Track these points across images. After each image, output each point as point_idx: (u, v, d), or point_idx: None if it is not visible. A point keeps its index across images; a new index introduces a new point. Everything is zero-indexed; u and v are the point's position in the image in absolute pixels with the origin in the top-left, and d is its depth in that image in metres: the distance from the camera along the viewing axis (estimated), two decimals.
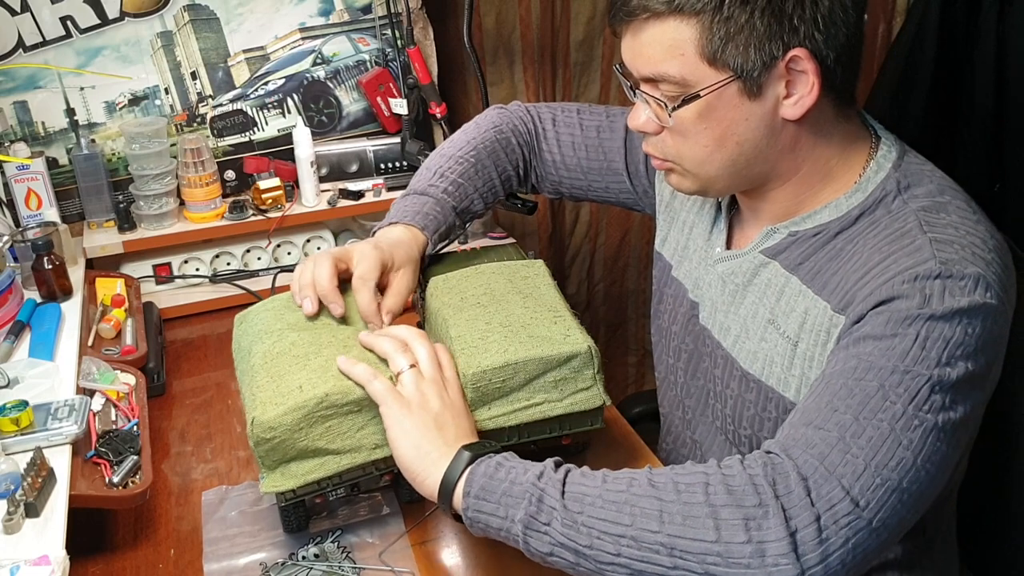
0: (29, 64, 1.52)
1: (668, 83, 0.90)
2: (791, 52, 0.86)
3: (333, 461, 0.95)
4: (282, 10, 1.63)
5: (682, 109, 0.90)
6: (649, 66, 0.91)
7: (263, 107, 1.67)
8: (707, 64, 0.88)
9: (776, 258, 1.00)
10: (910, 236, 0.88)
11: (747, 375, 1.01)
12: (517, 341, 1.01)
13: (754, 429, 1.02)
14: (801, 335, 0.94)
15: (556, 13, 1.82)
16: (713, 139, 0.92)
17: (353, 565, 0.98)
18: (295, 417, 0.92)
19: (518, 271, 1.16)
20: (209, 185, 1.58)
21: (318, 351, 0.99)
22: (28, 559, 0.85)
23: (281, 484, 0.94)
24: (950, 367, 0.81)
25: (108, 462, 1.05)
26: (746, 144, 0.92)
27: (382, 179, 1.70)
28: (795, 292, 0.96)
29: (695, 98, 0.89)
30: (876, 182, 0.95)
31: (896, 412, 0.79)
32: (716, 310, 1.07)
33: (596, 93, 1.93)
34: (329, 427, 0.94)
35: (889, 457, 0.78)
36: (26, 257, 1.35)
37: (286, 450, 0.93)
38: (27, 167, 1.48)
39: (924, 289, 0.83)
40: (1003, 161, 1.51)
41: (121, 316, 1.35)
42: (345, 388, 0.94)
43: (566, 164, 1.28)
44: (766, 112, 0.90)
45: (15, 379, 1.11)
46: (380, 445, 0.96)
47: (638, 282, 2.14)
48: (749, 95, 0.89)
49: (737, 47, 0.86)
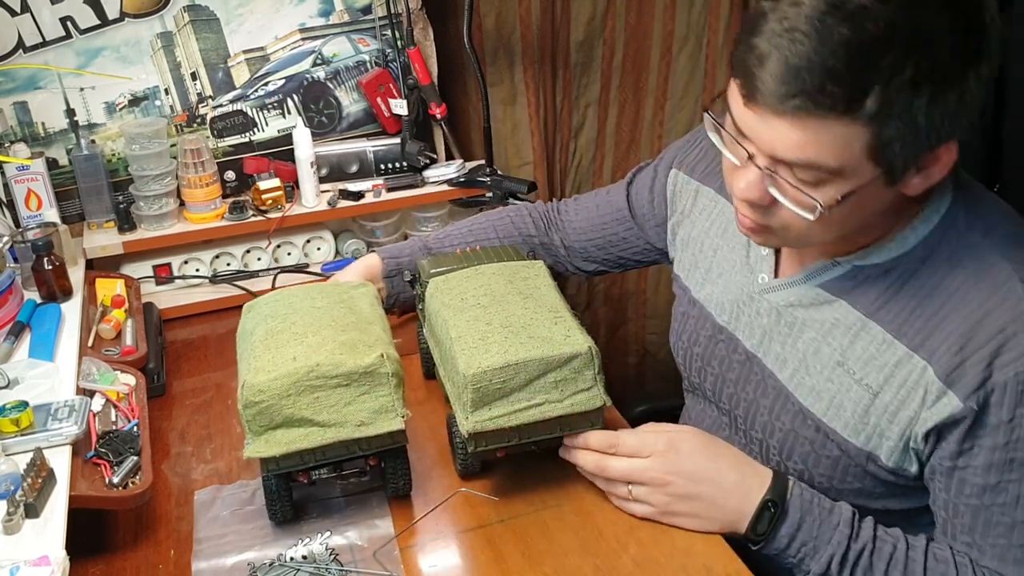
0: (29, 65, 1.52)
1: (812, 170, 0.83)
2: (946, 144, 0.83)
3: (318, 433, 0.97)
4: (282, 11, 1.63)
5: (838, 205, 0.84)
6: (797, 152, 0.82)
7: (263, 108, 1.67)
8: (868, 159, 0.82)
9: (843, 296, 0.97)
10: (1002, 280, 0.86)
11: (806, 412, 1.00)
12: (517, 342, 1.01)
13: (807, 465, 1.01)
14: (885, 387, 0.92)
15: (556, 13, 1.82)
16: (837, 222, 0.87)
17: (340, 567, 0.98)
18: (285, 383, 0.95)
19: (518, 272, 1.16)
20: (209, 186, 1.58)
21: (317, 330, 1.02)
22: (28, 559, 0.85)
23: (265, 450, 0.96)
24: None
25: (108, 463, 1.05)
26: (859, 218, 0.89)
27: (382, 180, 1.70)
28: (877, 341, 0.93)
29: (851, 194, 0.83)
30: (941, 211, 0.92)
31: None
32: (770, 340, 1.04)
33: (596, 93, 1.93)
34: (317, 398, 0.96)
35: None
36: (26, 258, 1.35)
37: (272, 416, 0.96)
38: (27, 168, 1.48)
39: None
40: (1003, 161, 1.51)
41: (121, 317, 1.35)
42: (336, 361, 0.97)
43: (584, 226, 1.35)
44: (896, 190, 0.86)
45: (15, 380, 1.11)
46: (365, 423, 0.97)
47: (638, 283, 2.14)
48: (888, 183, 0.85)
49: (904, 143, 0.81)
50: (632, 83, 1.93)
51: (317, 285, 1.17)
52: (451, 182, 1.70)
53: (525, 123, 1.87)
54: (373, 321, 1.08)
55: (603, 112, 1.95)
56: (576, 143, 1.97)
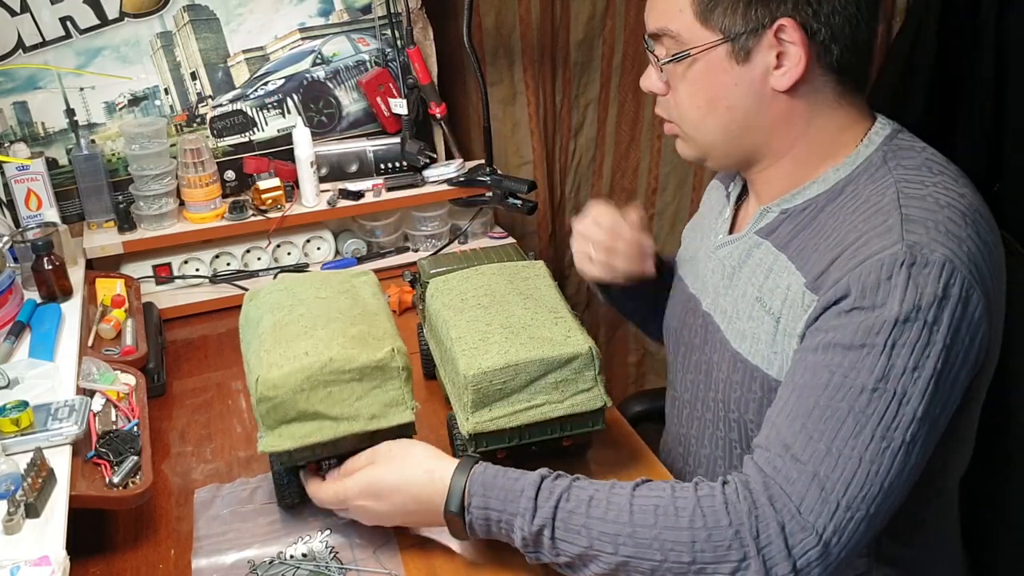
0: (29, 64, 1.51)
1: (669, 39, 0.95)
2: (778, 21, 0.88)
3: (330, 427, 0.97)
4: (282, 10, 1.63)
5: (673, 64, 0.95)
6: (655, 21, 0.96)
7: (263, 107, 1.67)
8: (700, 24, 0.92)
9: (768, 237, 1.01)
10: (884, 213, 0.89)
11: (736, 355, 1.02)
12: (518, 342, 1.01)
13: (741, 411, 1.02)
14: (783, 310, 0.95)
15: (556, 13, 1.82)
16: (705, 101, 0.96)
17: (340, 565, 0.98)
18: (298, 379, 0.95)
19: (518, 272, 1.16)
20: (209, 185, 1.57)
21: (326, 323, 1.03)
22: (28, 559, 0.84)
23: (278, 444, 0.96)
24: (918, 371, 0.83)
25: (108, 462, 1.05)
26: (737, 111, 0.95)
27: (382, 179, 1.70)
28: (781, 268, 0.97)
29: (685, 56, 0.94)
30: (865, 155, 0.95)
31: (866, 438, 0.83)
32: (718, 295, 1.08)
33: (596, 93, 1.93)
34: (330, 392, 0.97)
35: (860, 490, 0.83)
36: (26, 258, 1.35)
37: (286, 410, 0.96)
38: (27, 167, 1.48)
39: (889, 285, 0.84)
40: (1003, 161, 1.51)
41: (121, 316, 1.35)
42: (349, 356, 0.97)
43: None
44: (755, 79, 0.92)
45: (15, 379, 1.11)
46: (377, 416, 0.99)
47: None
48: (737, 60, 0.92)
49: (726, 10, 0.90)
50: (632, 82, 1.93)
51: (319, 274, 1.20)
52: (451, 181, 1.70)
53: (525, 122, 1.87)
54: (378, 312, 1.08)
55: (603, 111, 1.95)
56: (576, 142, 1.97)
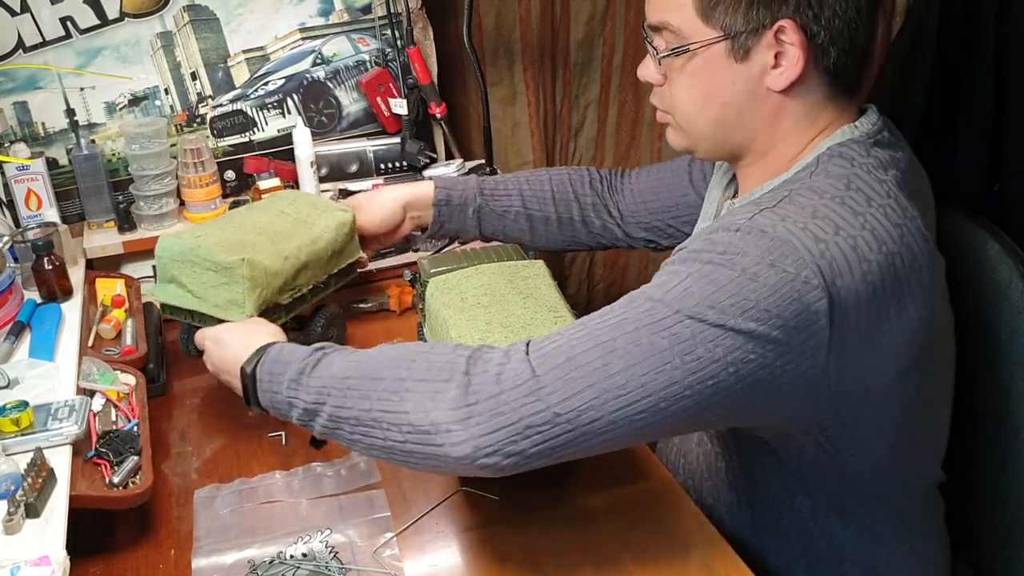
0: (29, 64, 1.52)
1: (669, 32, 0.94)
2: (779, 22, 0.88)
3: (190, 299, 1.18)
4: (282, 10, 1.63)
5: (671, 58, 0.95)
6: (657, 13, 0.95)
7: (263, 107, 1.67)
8: (701, 20, 0.91)
9: None
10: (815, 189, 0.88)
11: None
12: (518, 341, 1.00)
13: None
14: None
15: (556, 13, 1.82)
16: (701, 95, 0.95)
17: (340, 565, 0.98)
18: (175, 251, 1.18)
19: (518, 271, 1.16)
20: (209, 185, 1.58)
21: (249, 228, 1.22)
22: (28, 559, 0.84)
23: (158, 295, 1.22)
24: (713, 310, 0.82)
25: (108, 462, 1.05)
26: (730, 107, 0.95)
27: (382, 179, 1.70)
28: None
29: (684, 51, 0.93)
30: (804, 163, 0.93)
31: (626, 325, 0.85)
32: None
33: (596, 93, 1.93)
34: (194, 271, 1.17)
35: (587, 352, 0.84)
36: (26, 258, 1.35)
37: (165, 271, 1.20)
38: (27, 167, 1.48)
39: (715, 237, 0.86)
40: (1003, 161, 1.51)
41: (121, 316, 1.35)
42: (212, 250, 1.15)
43: (644, 187, 1.36)
44: (751, 77, 0.92)
45: (15, 379, 1.11)
46: (220, 307, 1.16)
47: (638, 282, 2.12)
48: (736, 57, 0.91)
49: (727, 9, 0.89)
50: (632, 83, 1.93)
51: (311, 196, 1.37)
52: None
53: (525, 122, 1.87)
54: (291, 236, 1.22)
55: (603, 112, 1.95)
56: (576, 143, 1.97)
